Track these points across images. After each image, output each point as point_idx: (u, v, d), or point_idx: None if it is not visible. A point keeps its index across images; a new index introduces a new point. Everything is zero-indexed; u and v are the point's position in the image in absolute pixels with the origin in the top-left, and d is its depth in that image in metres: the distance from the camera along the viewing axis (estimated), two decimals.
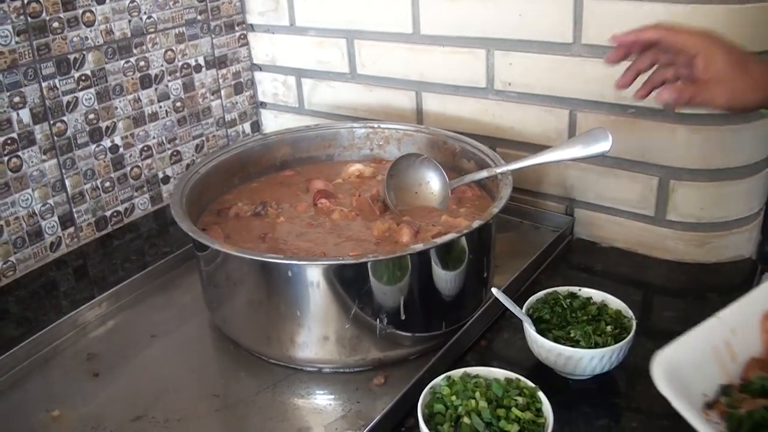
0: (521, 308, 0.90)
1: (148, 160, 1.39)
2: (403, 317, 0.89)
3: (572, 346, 0.85)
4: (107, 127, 1.29)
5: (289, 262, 0.83)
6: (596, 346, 0.85)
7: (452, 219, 1.00)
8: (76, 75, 1.23)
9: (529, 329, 0.87)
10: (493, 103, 1.23)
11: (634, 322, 0.88)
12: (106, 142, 1.30)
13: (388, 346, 0.91)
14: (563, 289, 0.94)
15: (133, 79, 1.32)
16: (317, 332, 0.89)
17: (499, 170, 1.02)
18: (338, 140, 1.25)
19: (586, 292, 0.94)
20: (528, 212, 1.26)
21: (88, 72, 1.24)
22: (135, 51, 1.31)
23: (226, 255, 0.88)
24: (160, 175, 1.42)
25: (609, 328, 0.87)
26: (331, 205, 1.06)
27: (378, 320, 0.88)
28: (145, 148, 1.37)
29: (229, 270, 0.91)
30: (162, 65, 1.37)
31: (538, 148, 1.20)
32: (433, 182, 1.08)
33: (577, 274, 1.11)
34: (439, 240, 0.86)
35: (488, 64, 1.20)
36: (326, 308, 0.87)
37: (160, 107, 1.38)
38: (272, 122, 1.58)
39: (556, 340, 0.87)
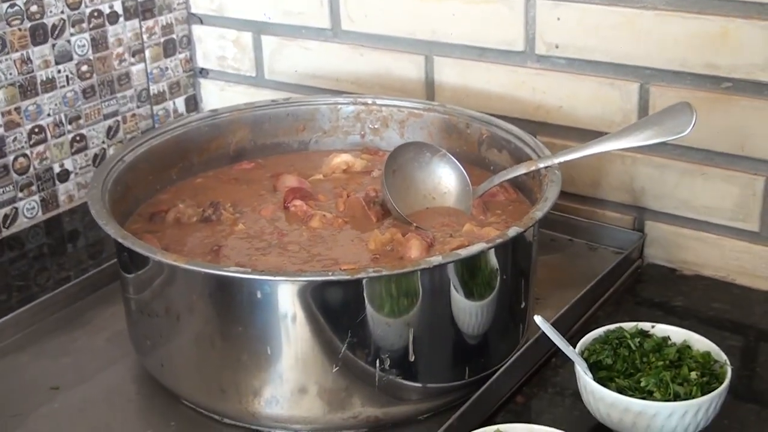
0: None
1: (40, 147, 1.45)
2: (411, 359, 0.96)
3: (643, 398, 0.91)
4: None
5: (260, 277, 0.91)
6: (677, 398, 0.92)
7: (478, 229, 1.09)
8: None
9: (585, 376, 0.95)
10: (533, 73, 1.30)
11: (729, 368, 0.95)
12: None
13: (389, 400, 0.97)
14: (630, 326, 1.02)
15: (20, 30, 1.39)
16: (292, 381, 0.96)
17: (542, 164, 1.11)
18: (317, 121, 1.32)
19: (661, 329, 1.02)
20: (581, 226, 1.34)
21: None
22: None
23: (171, 272, 0.95)
24: (56, 168, 1.48)
25: (694, 375, 0.95)
26: (309, 209, 1.14)
27: (377, 364, 0.95)
28: (36, 130, 1.44)
29: (173, 294, 0.98)
30: (62, 12, 1.44)
31: (594, 135, 1.27)
32: (448, 181, 1.18)
33: (649, 312, 1.19)
34: (463, 252, 0.94)
35: (527, 18, 1.29)
36: (305, 346, 0.94)
37: (59, 72, 1.45)
38: (215, 98, 1.65)
39: (620, 391, 0.93)
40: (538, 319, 0.93)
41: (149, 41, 1.58)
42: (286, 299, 0.93)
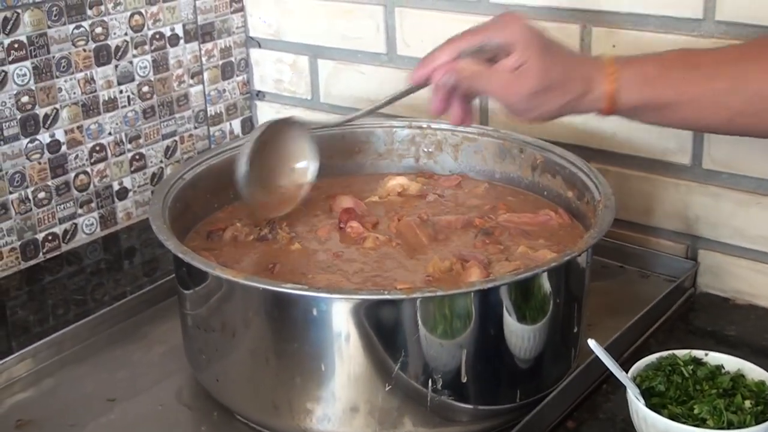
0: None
1: (100, 165, 1.48)
2: (463, 380, 0.97)
3: (696, 425, 0.91)
4: (46, 116, 1.38)
5: (316, 294, 0.92)
6: (730, 426, 0.91)
7: (533, 252, 1.10)
8: (6, 41, 1.32)
9: (637, 402, 0.95)
10: None
11: None
12: (44, 137, 1.38)
13: (440, 421, 0.98)
14: (683, 353, 1.02)
15: (85, 51, 1.42)
16: (344, 399, 0.97)
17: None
18: (372, 144, 1.34)
19: (715, 357, 1.02)
20: (632, 254, 1.34)
21: (23, 38, 1.34)
22: (89, 12, 1.42)
23: (229, 288, 0.97)
24: (116, 186, 1.51)
25: (748, 403, 0.94)
26: (363, 231, 1.16)
27: (429, 385, 0.96)
28: (97, 148, 1.47)
29: (229, 310, 1.00)
30: (126, 33, 1.47)
31: (650, 162, 1.30)
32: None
33: (701, 340, 1.19)
34: (517, 275, 0.95)
35: (583, 42, 1.30)
36: (358, 365, 0.95)
37: (121, 92, 1.49)
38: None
39: (673, 417, 0.93)
40: (591, 342, 0.93)
41: (208, 63, 1.61)
42: (341, 317, 0.94)
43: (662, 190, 1.30)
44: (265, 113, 1.69)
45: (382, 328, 0.94)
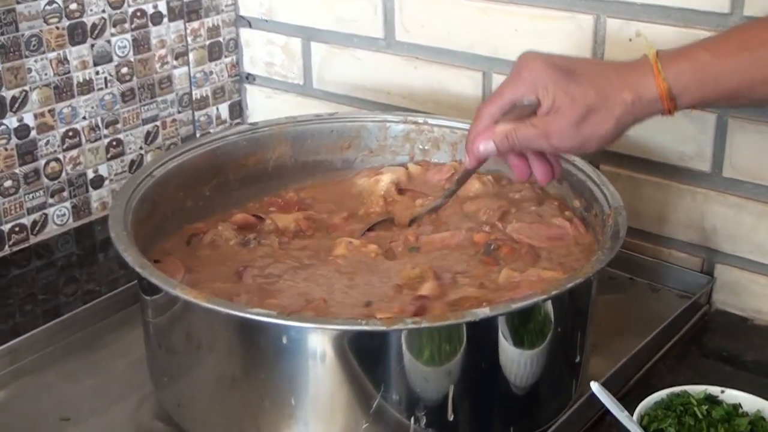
0: (631, 414, 0.89)
1: (73, 152, 1.40)
2: (450, 417, 0.89)
3: None
4: (14, 98, 1.31)
5: (283, 322, 0.83)
6: None
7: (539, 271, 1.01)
8: None
9: None
10: None
11: None
12: (11, 121, 1.31)
13: None
14: (697, 390, 0.94)
15: (57, 29, 1.34)
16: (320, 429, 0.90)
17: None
18: (363, 139, 1.26)
19: (732, 395, 0.94)
20: (644, 265, 1.26)
21: None
22: None
23: (191, 309, 0.89)
24: (90, 174, 1.43)
25: None
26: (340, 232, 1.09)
27: (413, 419, 0.88)
28: (70, 134, 1.39)
29: (192, 326, 0.92)
30: (103, 11, 1.39)
31: (663, 167, 1.22)
32: None
33: (717, 366, 1.11)
34: (514, 305, 0.86)
35: (596, 38, 1.21)
36: (335, 396, 0.88)
37: (97, 74, 1.40)
38: (261, 105, 1.60)
39: None
40: (594, 386, 0.85)
41: (194, 44, 1.53)
42: (314, 346, 0.86)
43: (678, 198, 1.22)
44: (255, 97, 1.61)
45: (362, 357, 0.86)
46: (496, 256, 1.03)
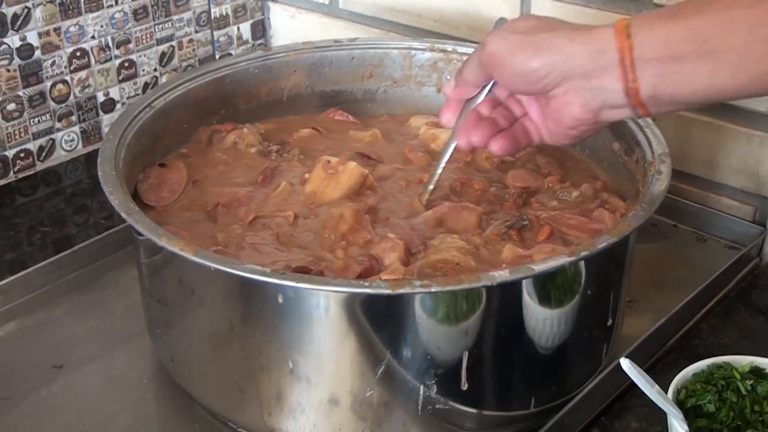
0: (667, 388, 0.82)
1: (82, 73, 1.35)
2: (464, 385, 0.82)
3: None
4: (15, 16, 1.25)
5: (275, 281, 0.76)
6: None
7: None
8: None
9: (680, 430, 0.79)
10: None
11: None
12: (13, 40, 1.26)
13: (435, 427, 0.85)
14: (742, 362, 0.86)
15: None
16: (322, 390, 0.84)
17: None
18: (386, 68, 1.20)
19: None
20: (690, 211, 1.21)
21: None
22: None
23: (179, 261, 0.82)
24: (100, 97, 1.39)
25: None
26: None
27: (423, 384, 0.82)
28: (78, 54, 1.33)
29: (184, 273, 0.86)
30: None
31: (723, 108, 1.11)
32: None
33: (766, 327, 1.04)
34: (537, 266, 0.77)
35: None
36: (339, 355, 0.82)
37: None
38: (285, 25, 1.54)
39: None
40: (625, 364, 0.77)
41: None
42: (313, 308, 0.80)
43: (730, 141, 1.16)
44: (279, 17, 1.54)
45: (369, 315, 0.80)
46: (523, 234, 0.93)
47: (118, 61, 1.37)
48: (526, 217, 0.93)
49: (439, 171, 0.94)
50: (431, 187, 0.95)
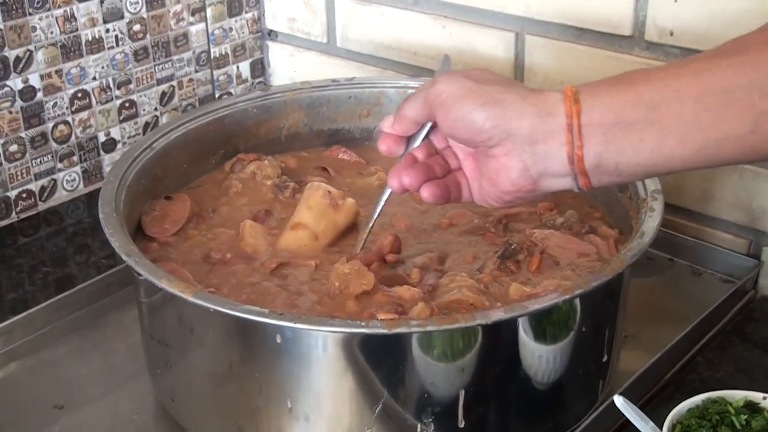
0: (663, 423, 0.82)
1: (83, 114, 1.36)
2: (461, 422, 0.83)
3: None
4: (17, 58, 1.26)
5: (273, 322, 0.77)
6: None
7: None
8: None
9: None
10: (640, 62, 1.16)
11: None
12: (15, 83, 1.27)
13: None
14: (735, 395, 0.86)
15: None
16: (321, 428, 0.84)
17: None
18: (383, 106, 1.20)
19: None
20: (685, 246, 1.20)
21: None
22: None
23: (180, 302, 0.83)
24: (101, 137, 1.39)
25: None
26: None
27: (420, 422, 0.82)
28: (79, 95, 1.34)
29: (184, 314, 0.87)
30: None
31: None
32: None
33: (762, 360, 1.04)
34: (531, 305, 0.78)
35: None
36: (337, 394, 0.82)
37: (107, 31, 1.35)
38: (285, 63, 1.55)
39: None
40: (619, 401, 0.78)
41: None
42: (311, 346, 0.80)
43: (724, 175, 1.15)
44: (278, 56, 1.55)
45: (367, 355, 0.80)
46: (515, 259, 0.93)
47: (119, 102, 1.38)
48: (512, 242, 0.94)
49: (375, 217, 0.91)
50: (365, 235, 0.93)
